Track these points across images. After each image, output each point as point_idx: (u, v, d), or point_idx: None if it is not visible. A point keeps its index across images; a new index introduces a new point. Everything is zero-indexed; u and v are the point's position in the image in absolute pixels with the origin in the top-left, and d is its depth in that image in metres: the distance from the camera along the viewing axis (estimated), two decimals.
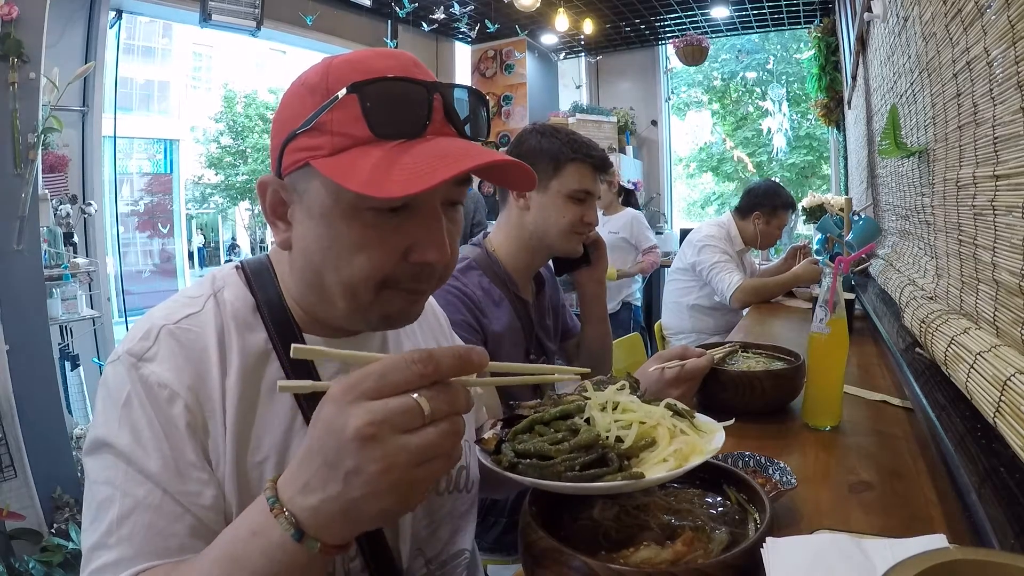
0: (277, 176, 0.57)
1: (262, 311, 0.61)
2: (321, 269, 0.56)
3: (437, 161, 0.49)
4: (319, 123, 0.52)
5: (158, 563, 0.50)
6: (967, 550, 0.35)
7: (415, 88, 0.53)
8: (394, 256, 0.54)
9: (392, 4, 4.41)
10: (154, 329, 0.56)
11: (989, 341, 0.74)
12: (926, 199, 1.24)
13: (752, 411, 1.03)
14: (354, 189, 0.48)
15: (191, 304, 0.59)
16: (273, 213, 0.59)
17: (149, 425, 0.53)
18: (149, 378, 0.54)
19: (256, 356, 0.59)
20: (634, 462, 0.50)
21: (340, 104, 0.51)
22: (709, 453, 0.51)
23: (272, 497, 0.42)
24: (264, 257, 0.66)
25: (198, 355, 0.56)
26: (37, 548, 2.10)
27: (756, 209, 2.58)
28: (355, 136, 0.51)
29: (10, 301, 2.18)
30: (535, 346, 1.30)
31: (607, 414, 0.53)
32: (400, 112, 0.52)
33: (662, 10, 4.88)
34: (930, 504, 0.73)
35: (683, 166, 10.54)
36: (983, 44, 0.77)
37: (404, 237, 0.54)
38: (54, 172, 2.84)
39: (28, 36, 2.18)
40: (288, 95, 0.57)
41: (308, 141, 0.53)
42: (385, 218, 0.53)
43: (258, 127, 13.73)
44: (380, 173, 0.49)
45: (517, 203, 1.25)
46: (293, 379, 0.58)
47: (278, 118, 0.57)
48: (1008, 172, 0.71)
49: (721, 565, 0.44)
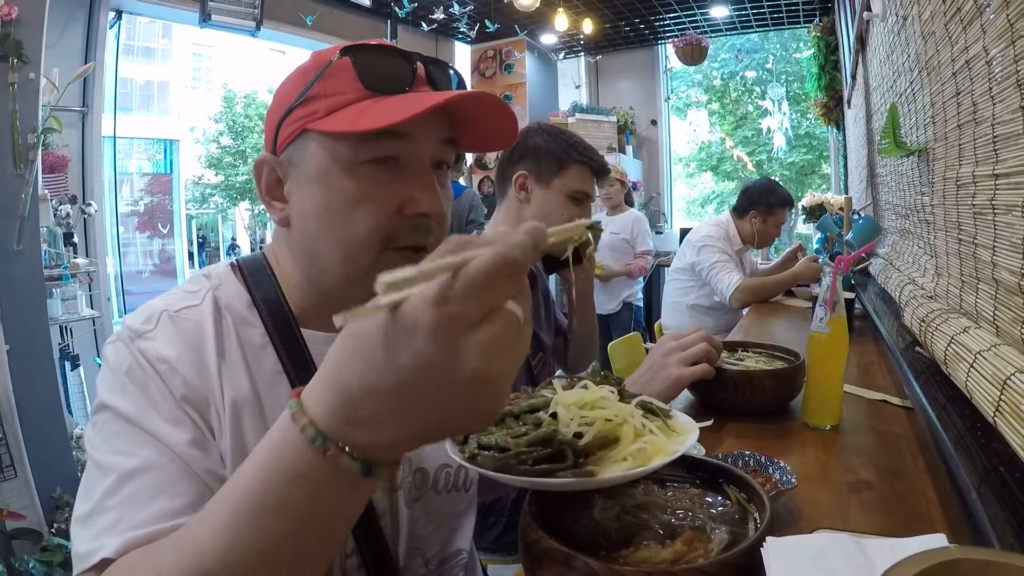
0: (272, 154, 0.60)
1: (259, 307, 0.61)
2: (319, 234, 0.57)
3: (416, 100, 0.54)
4: (312, 93, 0.56)
5: (159, 527, 0.46)
6: (967, 549, 0.35)
7: (399, 54, 0.58)
8: (389, 210, 0.56)
9: (392, 4, 4.41)
10: (155, 313, 0.58)
11: (989, 340, 0.74)
12: (926, 198, 1.24)
13: (752, 411, 1.03)
14: (343, 128, 0.53)
15: (190, 297, 0.60)
16: (269, 193, 0.61)
17: (154, 388, 0.53)
18: (148, 351, 0.55)
19: (253, 348, 0.60)
20: (592, 460, 0.49)
21: (333, 69, 0.56)
22: (673, 455, 0.49)
23: (319, 436, 0.34)
24: (260, 255, 0.67)
25: (196, 341, 0.57)
26: (37, 548, 2.10)
27: (752, 208, 2.58)
28: (347, 94, 0.56)
29: (10, 301, 2.18)
30: (532, 343, 1.30)
31: (573, 409, 0.51)
32: (388, 70, 0.57)
33: (662, 10, 4.88)
34: (930, 504, 0.73)
35: (683, 165, 10.53)
36: (982, 43, 0.77)
37: (397, 191, 0.57)
38: (54, 172, 2.84)
39: (28, 36, 2.18)
40: (281, 86, 0.61)
41: (303, 111, 0.57)
42: (379, 171, 0.56)
43: (258, 127, 13.71)
44: (361, 114, 0.54)
45: (518, 195, 1.28)
46: (290, 369, 0.59)
47: (272, 108, 0.61)
48: (1008, 171, 0.71)
49: (721, 565, 0.44)
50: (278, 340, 0.60)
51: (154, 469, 0.50)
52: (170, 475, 0.50)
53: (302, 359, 0.60)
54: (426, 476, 0.69)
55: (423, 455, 0.69)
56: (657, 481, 0.57)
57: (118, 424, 0.52)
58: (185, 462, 0.51)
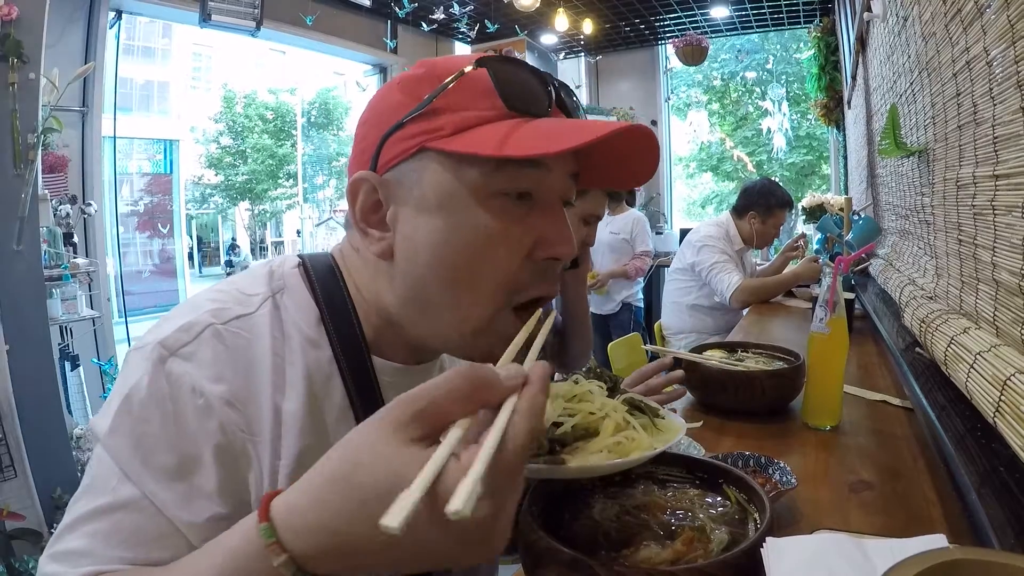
0: (372, 172, 0.50)
1: (326, 324, 0.53)
2: (431, 274, 0.49)
3: (569, 129, 0.46)
4: (434, 107, 0.47)
5: (128, 567, 0.43)
6: (967, 550, 0.35)
7: (534, 74, 0.51)
8: (520, 254, 0.49)
9: (392, 4, 4.41)
10: (199, 324, 0.48)
11: (989, 341, 0.74)
12: (926, 199, 1.24)
13: (752, 411, 1.03)
14: (487, 153, 0.45)
15: (244, 302, 0.51)
16: (365, 219, 0.51)
17: (159, 432, 0.45)
18: (182, 379, 0.45)
19: (323, 377, 0.52)
20: (568, 450, 0.47)
21: (464, 81, 0.47)
22: (651, 451, 0.48)
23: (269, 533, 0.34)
24: (328, 257, 0.57)
25: (247, 367, 0.48)
26: (37, 548, 2.10)
27: (751, 209, 2.58)
28: (481, 112, 0.47)
29: (10, 301, 2.18)
30: None
31: (559, 402, 0.50)
32: (530, 89, 0.49)
33: (662, 10, 4.88)
34: (930, 504, 0.73)
35: (683, 166, 10.53)
36: (983, 44, 0.77)
37: (530, 230, 0.49)
38: (54, 172, 2.84)
39: (28, 36, 2.18)
40: (382, 94, 0.53)
41: (422, 126, 0.48)
42: (511, 206, 0.48)
43: (258, 127, 13.74)
44: (508, 139, 0.45)
45: None
46: (357, 403, 0.52)
47: (368, 118, 0.52)
48: (1008, 172, 0.71)
49: (721, 565, 0.44)
50: (347, 368, 0.52)
51: (135, 514, 0.44)
52: (152, 527, 0.45)
53: (370, 392, 0.53)
54: None
55: None
56: (657, 481, 0.57)
57: (108, 459, 0.46)
58: (171, 523, 0.45)
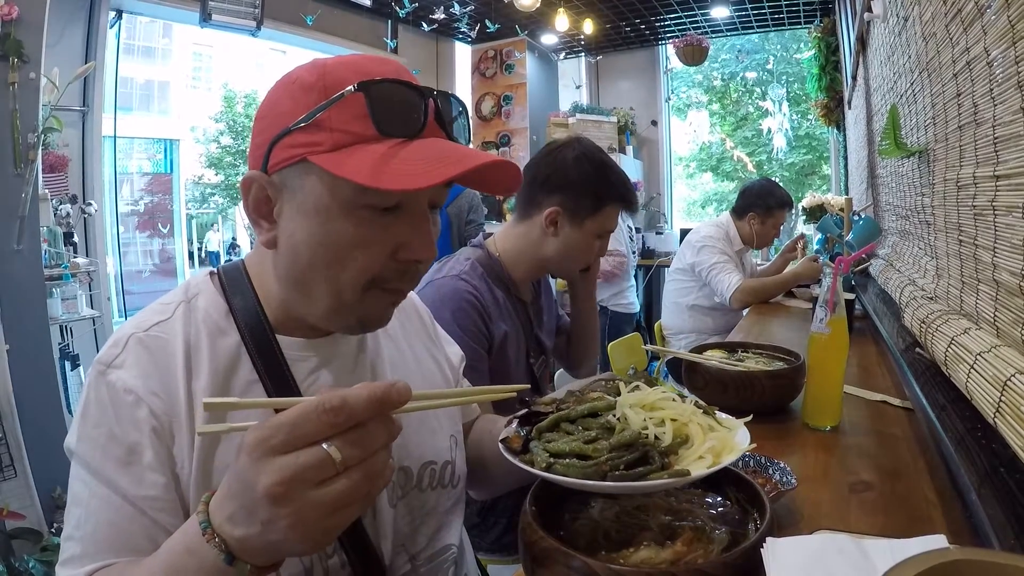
0: (263, 172, 0.56)
1: (235, 315, 0.61)
2: (309, 267, 0.56)
3: (436, 161, 0.51)
4: (318, 120, 0.52)
5: (115, 561, 0.52)
6: (967, 550, 0.35)
7: (413, 91, 0.55)
8: (383, 255, 0.56)
9: (392, 4, 4.41)
10: (123, 337, 0.58)
11: (989, 341, 0.74)
12: (926, 199, 1.24)
13: (752, 411, 1.03)
14: (361, 182, 0.49)
15: (162, 311, 0.61)
16: (256, 211, 0.58)
17: (108, 431, 0.54)
18: (115, 384, 0.55)
19: (228, 359, 0.60)
20: (672, 459, 0.50)
21: (344, 102, 0.52)
22: (741, 450, 0.51)
23: (205, 521, 0.42)
24: (239, 263, 0.66)
25: (165, 361, 0.57)
26: (37, 548, 2.10)
27: (751, 209, 2.58)
28: (356, 133, 0.52)
29: (10, 301, 2.18)
30: (534, 345, 1.31)
31: (639, 411, 0.53)
32: (401, 112, 0.54)
33: (662, 10, 4.88)
34: (930, 504, 0.73)
35: (683, 166, 10.53)
36: (983, 44, 0.77)
37: (393, 236, 0.56)
38: (54, 172, 2.84)
39: (28, 36, 2.18)
40: (276, 93, 0.57)
41: (305, 137, 0.53)
42: (378, 216, 0.55)
43: None
44: (382, 168, 0.50)
45: (547, 229, 1.20)
46: (265, 377, 0.60)
47: (263, 115, 0.57)
48: (1008, 172, 0.71)
49: (721, 565, 0.44)
50: (253, 348, 0.60)
51: (109, 510, 0.53)
52: (123, 517, 0.53)
53: (277, 366, 0.60)
54: (409, 475, 0.69)
55: (406, 452, 0.69)
56: None
57: (78, 466, 0.55)
58: (135, 506, 0.53)
